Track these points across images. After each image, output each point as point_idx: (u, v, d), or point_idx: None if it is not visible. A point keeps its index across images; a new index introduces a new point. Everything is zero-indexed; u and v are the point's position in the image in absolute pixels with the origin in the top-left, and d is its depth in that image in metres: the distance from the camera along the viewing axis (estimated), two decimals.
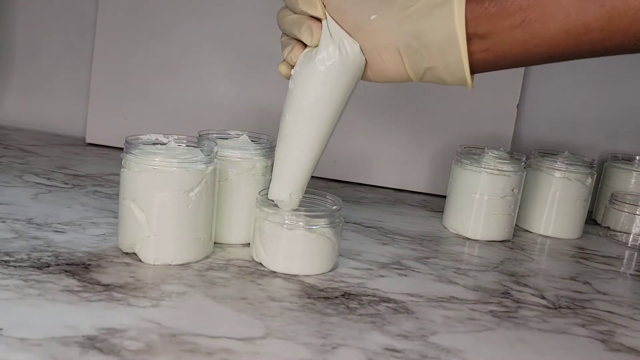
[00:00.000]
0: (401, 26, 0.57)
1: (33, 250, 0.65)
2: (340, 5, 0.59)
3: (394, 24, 0.57)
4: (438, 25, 0.55)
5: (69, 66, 1.20)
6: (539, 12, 0.53)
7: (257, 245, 0.69)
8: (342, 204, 0.71)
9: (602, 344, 0.61)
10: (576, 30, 0.53)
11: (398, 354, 0.53)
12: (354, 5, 0.58)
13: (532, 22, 0.54)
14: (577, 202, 0.94)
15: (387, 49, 0.58)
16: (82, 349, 0.48)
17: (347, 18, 0.59)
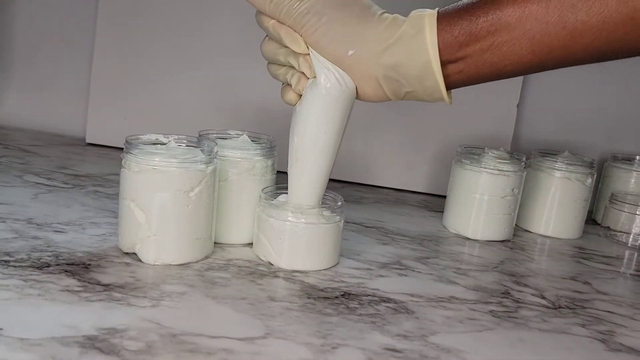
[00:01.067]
0: (379, 59, 0.60)
1: (33, 250, 0.65)
2: (319, 41, 0.62)
3: (371, 57, 0.60)
4: (414, 56, 0.59)
5: (69, 66, 1.20)
6: (506, 36, 0.57)
7: (264, 242, 0.69)
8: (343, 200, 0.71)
9: (602, 344, 0.61)
10: (541, 51, 0.57)
11: (398, 354, 0.53)
12: (332, 42, 0.61)
13: (500, 46, 0.57)
14: (577, 202, 0.94)
15: (367, 79, 0.62)
16: (82, 349, 0.48)
17: (328, 52, 0.62)
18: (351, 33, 0.61)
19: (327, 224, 0.68)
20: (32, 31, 1.20)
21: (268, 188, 0.72)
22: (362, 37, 0.60)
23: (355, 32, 0.61)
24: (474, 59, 0.59)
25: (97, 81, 1.15)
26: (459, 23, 0.58)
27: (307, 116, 0.65)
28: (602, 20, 0.54)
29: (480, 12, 0.57)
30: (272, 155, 0.76)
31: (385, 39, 0.60)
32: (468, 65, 0.59)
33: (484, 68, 0.59)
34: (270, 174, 0.75)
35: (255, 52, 1.12)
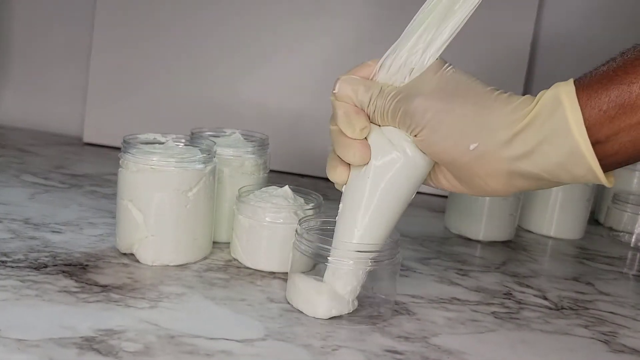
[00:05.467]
0: (509, 149, 0.49)
1: (30, 251, 0.64)
2: (431, 138, 0.52)
3: (498, 149, 0.50)
4: (553, 140, 0.48)
5: (67, 66, 1.20)
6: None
7: (235, 241, 0.69)
8: (323, 202, 0.70)
9: (604, 345, 0.60)
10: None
11: (399, 355, 0.53)
12: (448, 136, 0.51)
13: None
14: (580, 202, 0.93)
15: (492, 176, 0.51)
16: (80, 350, 0.47)
17: (440, 151, 0.52)
18: (470, 123, 0.50)
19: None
20: (30, 31, 1.20)
21: (245, 187, 0.70)
22: (485, 125, 0.50)
23: (476, 121, 0.50)
24: (631, 135, 0.47)
25: (94, 81, 1.14)
26: (605, 93, 0.47)
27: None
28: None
29: (630, 76, 0.46)
30: (264, 154, 0.76)
31: (514, 123, 0.49)
32: (624, 144, 0.47)
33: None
34: (262, 172, 0.75)
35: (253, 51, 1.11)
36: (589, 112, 0.47)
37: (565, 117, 0.47)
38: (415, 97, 0.52)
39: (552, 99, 0.48)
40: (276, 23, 1.08)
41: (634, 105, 0.46)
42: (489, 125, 0.50)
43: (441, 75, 0.52)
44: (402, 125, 0.53)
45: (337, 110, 0.56)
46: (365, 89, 0.55)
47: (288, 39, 1.09)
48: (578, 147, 0.47)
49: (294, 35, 1.08)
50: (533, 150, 0.48)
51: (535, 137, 0.48)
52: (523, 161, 0.49)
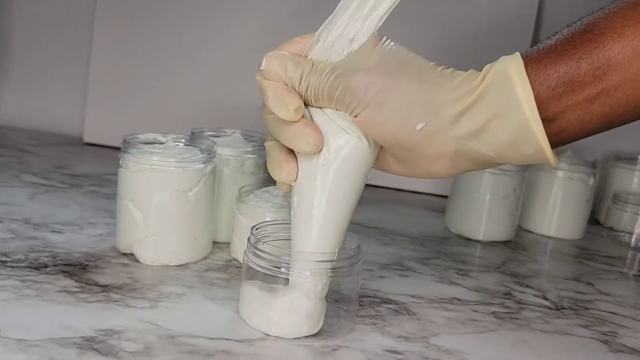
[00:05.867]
0: (457, 127, 0.47)
1: (30, 251, 0.64)
2: (374, 118, 0.48)
3: (445, 128, 0.47)
4: (503, 118, 0.45)
5: (67, 65, 1.19)
6: (618, 78, 0.44)
7: (235, 241, 0.69)
8: None
9: (604, 345, 0.60)
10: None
11: (399, 355, 0.53)
12: (394, 115, 0.47)
13: (611, 92, 0.45)
14: (580, 202, 0.93)
15: (438, 157, 0.48)
16: (80, 350, 0.47)
17: (385, 132, 0.48)
18: (416, 100, 0.47)
19: None
20: (30, 30, 1.20)
21: (245, 187, 0.70)
22: (431, 103, 0.47)
23: (422, 98, 0.47)
24: (578, 113, 0.45)
25: (94, 80, 1.14)
26: (553, 69, 0.45)
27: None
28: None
29: (579, 51, 0.45)
30: (265, 154, 0.75)
31: (461, 99, 0.46)
32: (570, 122, 0.46)
33: (591, 122, 0.46)
34: (262, 172, 0.75)
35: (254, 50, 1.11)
36: (538, 89, 0.45)
37: (515, 92, 0.45)
38: (356, 72, 0.48)
39: (500, 73, 0.45)
40: (277, 23, 1.08)
41: (581, 82, 0.45)
42: (436, 103, 0.47)
43: (381, 49, 0.49)
44: (341, 105, 0.49)
45: (265, 91, 0.51)
46: (295, 65, 0.50)
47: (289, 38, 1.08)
48: (528, 124, 0.45)
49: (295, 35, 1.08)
50: (482, 128, 0.46)
51: (484, 114, 0.46)
52: (471, 140, 0.47)
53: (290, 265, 0.52)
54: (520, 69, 0.45)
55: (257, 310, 0.54)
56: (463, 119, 0.46)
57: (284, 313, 0.53)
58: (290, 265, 0.52)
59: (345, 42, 0.49)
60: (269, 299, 0.53)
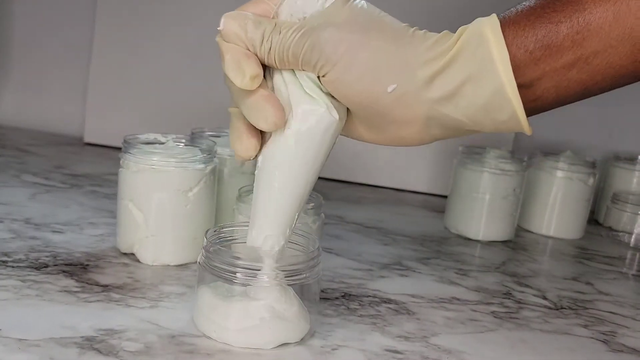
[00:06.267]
0: (430, 90, 0.44)
1: (31, 251, 0.64)
2: (343, 78, 0.45)
3: (418, 90, 0.44)
4: (477, 81, 0.43)
5: (67, 65, 1.19)
6: (598, 44, 0.42)
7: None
8: (322, 202, 0.69)
9: (604, 344, 0.60)
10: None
11: (399, 355, 0.53)
12: (361, 78, 0.45)
13: (590, 58, 0.43)
14: (579, 202, 0.93)
15: (409, 122, 0.46)
16: (81, 350, 0.47)
17: (354, 93, 0.46)
18: (387, 59, 0.44)
19: None
20: (30, 30, 1.20)
21: (245, 187, 0.70)
22: (404, 63, 0.44)
23: (394, 57, 0.44)
24: (555, 80, 0.43)
25: (95, 80, 1.14)
26: (531, 31, 0.43)
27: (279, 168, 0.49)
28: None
29: (558, 15, 0.43)
30: None
31: (435, 60, 0.44)
32: (547, 89, 0.44)
33: (568, 89, 0.44)
34: None
35: None
36: (515, 52, 0.43)
37: (490, 54, 0.43)
38: (325, 28, 0.45)
39: (475, 34, 0.43)
40: None
41: (560, 46, 0.42)
42: (408, 63, 0.44)
43: (352, 6, 0.46)
44: (307, 64, 0.46)
45: (223, 54, 0.47)
46: (255, 24, 0.47)
47: None
48: (503, 88, 0.43)
49: None
50: (455, 91, 0.44)
51: (457, 76, 0.43)
52: (444, 104, 0.44)
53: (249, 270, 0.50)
54: (497, 30, 0.43)
55: (207, 315, 0.52)
56: (436, 82, 0.44)
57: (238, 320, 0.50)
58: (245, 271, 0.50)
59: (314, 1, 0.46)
60: (223, 305, 0.51)
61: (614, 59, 0.43)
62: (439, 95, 0.44)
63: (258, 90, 0.47)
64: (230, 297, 0.51)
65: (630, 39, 0.42)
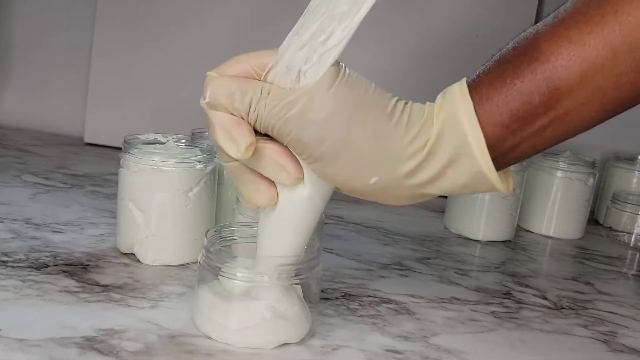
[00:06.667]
0: (412, 179, 0.46)
1: (31, 251, 0.64)
2: (326, 170, 0.46)
3: (400, 180, 0.46)
4: (457, 168, 0.45)
5: (68, 65, 1.19)
6: (569, 104, 0.44)
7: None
8: None
9: (604, 344, 0.60)
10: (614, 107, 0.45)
11: (399, 355, 0.53)
12: (343, 172, 0.46)
13: (563, 118, 0.44)
14: (579, 202, 0.93)
15: (395, 200, 0.48)
16: (81, 350, 0.47)
17: (337, 181, 0.47)
18: (370, 156, 0.46)
19: None
20: (31, 30, 1.20)
21: None
22: (386, 158, 0.46)
23: (376, 154, 0.46)
24: (532, 142, 0.46)
25: (95, 80, 1.14)
26: (506, 108, 0.44)
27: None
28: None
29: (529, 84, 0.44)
30: None
31: (417, 151, 0.45)
32: (524, 149, 0.46)
33: (544, 145, 0.46)
34: None
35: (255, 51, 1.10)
36: (492, 130, 0.45)
37: (466, 139, 0.44)
38: (309, 125, 0.45)
39: (450, 118, 0.45)
40: (278, 21, 1.08)
41: (534, 114, 0.44)
42: (391, 158, 0.46)
43: (337, 89, 0.45)
44: (293, 149, 0.47)
45: (212, 123, 0.48)
46: (241, 93, 0.46)
47: None
48: (481, 170, 0.45)
49: None
50: (437, 176, 0.46)
51: (437, 164, 0.45)
52: (427, 187, 0.47)
53: (250, 270, 0.50)
54: (470, 110, 0.44)
55: (207, 315, 0.52)
56: (418, 172, 0.46)
57: (238, 319, 0.51)
58: (247, 271, 0.50)
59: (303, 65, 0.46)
60: (223, 305, 0.51)
61: (585, 113, 0.44)
62: (420, 182, 0.46)
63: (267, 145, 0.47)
64: (230, 296, 0.51)
65: (599, 94, 0.43)
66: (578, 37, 0.43)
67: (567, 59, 0.43)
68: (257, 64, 0.48)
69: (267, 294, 0.50)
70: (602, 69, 0.43)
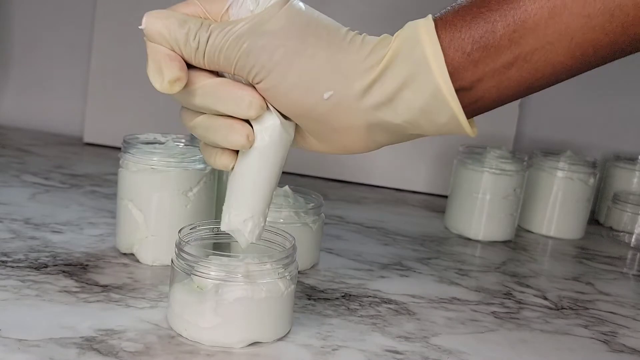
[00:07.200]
0: (367, 98, 0.44)
1: (30, 251, 0.64)
2: (279, 85, 0.44)
3: (355, 99, 0.44)
4: (414, 85, 0.43)
5: (67, 65, 1.19)
6: (535, 42, 0.42)
7: None
8: (323, 202, 0.69)
9: (604, 344, 0.60)
10: (583, 53, 0.42)
11: (399, 355, 0.53)
12: (296, 86, 0.44)
13: (528, 56, 0.43)
14: (580, 202, 0.93)
15: (350, 129, 0.45)
16: (80, 350, 0.47)
17: (291, 102, 0.45)
18: (323, 67, 0.44)
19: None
20: (30, 30, 1.20)
21: None
22: (339, 71, 0.44)
23: (329, 65, 0.44)
24: (496, 80, 0.43)
25: (95, 80, 1.14)
26: (468, 33, 0.43)
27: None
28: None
29: (494, 14, 0.42)
30: None
31: (371, 67, 0.43)
32: (488, 89, 0.44)
33: (509, 88, 0.44)
34: None
35: None
36: (452, 55, 0.42)
37: (425, 57, 0.42)
38: (262, 33, 0.43)
39: (410, 37, 0.43)
40: None
41: (498, 46, 0.42)
42: (344, 71, 0.43)
43: (289, 9, 0.44)
44: (241, 69, 0.44)
45: (148, 55, 0.46)
46: (179, 23, 0.45)
47: None
48: (440, 91, 0.42)
49: None
50: (393, 96, 0.43)
51: (394, 81, 0.43)
52: (383, 110, 0.44)
53: (222, 268, 0.50)
54: (432, 32, 0.43)
55: (179, 314, 0.51)
56: (373, 89, 0.44)
57: (209, 318, 0.50)
58: (219, 268, 0.50)
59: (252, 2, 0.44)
60: (194, 303, 0.50)
61: (553, 55, 0.42)
62: (376, 102, 0.44)
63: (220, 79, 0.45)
64: (202, 294, 0.50)
65: (567, 35, 0.42)
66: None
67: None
68: (209, 8, 0.46)
69: (239, 292, 0.50)
70: (572, 7, 0.41)
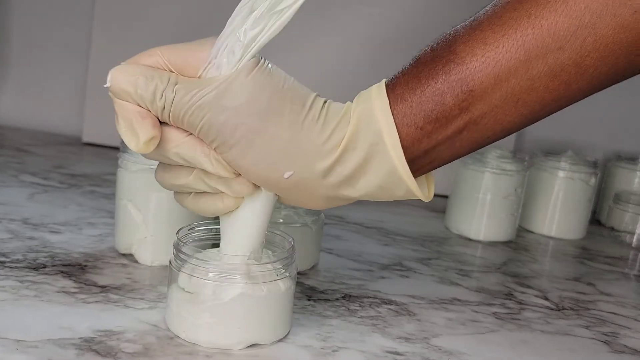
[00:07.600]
0: (328, 179, 0.46)
1: (29, 251, 0.64)
2: (240, 161, 0.45)
3: (315, 179, 0.46)
4: (372, 167, 0.45)
5: (66, 65, 1.19)
6: (484, 107, 0.44)
7: None
8: None
9: (605, 345, 0.60)
10: (530, 110, 0.45)
11: (400, 356, 0.52)
12: (257, 165, 0.45)
13: (478, 121, 0.44)
14: (581, 202, 0.93)
15: (312, 200, 0.48)
16: (79, 351, 0.47)
17: (252, 175, 0.46)
18: (284, 148, 0.45)
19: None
20: (29, 30, 1.19)
21: None
22: (300, 152, 0.45)
23: (290, 146, 0.45)
24: (448, 145, 0.45)
25: (93, 80, 1.14)
26: (419, 108, 0.44)
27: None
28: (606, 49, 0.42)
29: (443, 84, 0.44)
30: None
31: (332, 149, 0.45)
32: (441, 153, 0.46)
33: (462, 148, 0.46)
34: None
35: None
36: (407, 131, 0.45)
37: (381, 136, 0.44)
38: (225, 109, 0.44)
39: (366, 114, 0.45)
40: None
41: (448, 117, 0.44)
42: (305, 153, 0.45)
43: (254, 79, 0.44)
44: (204, 137, 0.45)
45: (116, 113, 0.46)
46: (146, 79, 0.45)
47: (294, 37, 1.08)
48: (396, 170, 0.45)
49: (300, 34, 1.08)
50: (352, 175, 0.46)
51: (352, 162, 0.45)
52: (342, 187, 0.46)
53: (219, 268, 0.50)
54: (386, 110, 0.44)
55: (177, 315, 0.51)
56: (334, 170, 0.45)
57: (207, 319, 0.49)
58: (216, 269, 0.50)
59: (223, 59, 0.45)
60: (193, 304, 0.50)
61: (501, 116, 0.44)
62: (337, 181, 0.46)
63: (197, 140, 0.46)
64: (201, 295, 0.50)
65: (513, 97, 0.43)
66: (493, 39, 0.43)
67: (482, 61, 0.43)
68: (170, 59, 0.47)
69: (238, 293, 0.49)
70: (516, 72, 0.43)
